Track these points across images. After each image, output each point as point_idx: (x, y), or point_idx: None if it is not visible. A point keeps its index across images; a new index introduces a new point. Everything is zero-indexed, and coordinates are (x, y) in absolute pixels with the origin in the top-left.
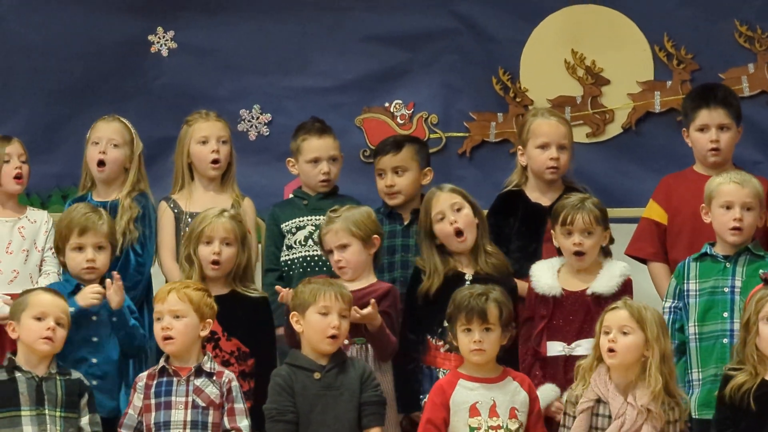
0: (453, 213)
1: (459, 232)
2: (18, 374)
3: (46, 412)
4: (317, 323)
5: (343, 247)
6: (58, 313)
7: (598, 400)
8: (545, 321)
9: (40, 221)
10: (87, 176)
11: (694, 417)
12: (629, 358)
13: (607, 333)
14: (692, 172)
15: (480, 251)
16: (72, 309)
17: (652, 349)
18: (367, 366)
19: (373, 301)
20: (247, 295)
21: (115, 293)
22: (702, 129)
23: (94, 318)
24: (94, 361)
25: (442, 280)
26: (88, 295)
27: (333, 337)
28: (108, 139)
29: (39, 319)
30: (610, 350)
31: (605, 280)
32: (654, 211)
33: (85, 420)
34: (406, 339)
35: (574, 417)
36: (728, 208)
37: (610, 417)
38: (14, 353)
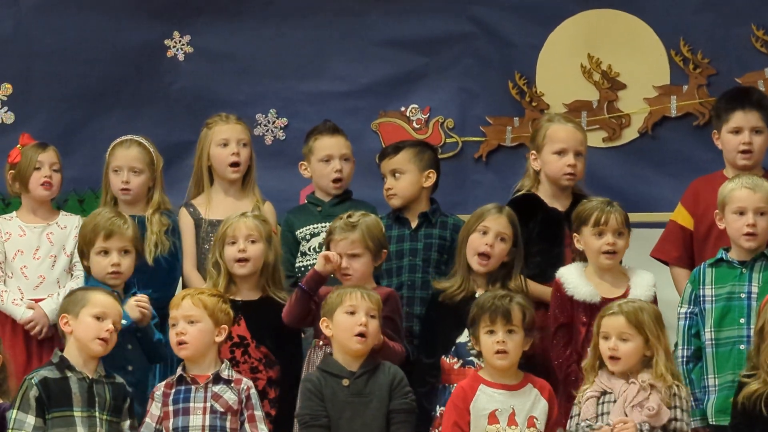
0: (496, 239)
1: (486, 256)
2: (70, 374)
3: (96, 414)
4: (344, 322)
5: (354, 256)
6: (116, 316)
7: (603, 392)
8: (586, 327)
9: (70, 226)
10: (108, 195)
11: (711, 423)
12: (631, 362)
13: (605, 338)
14: (721, 176)
15: (502, 281)
16: (125, 322)
17: (655, 348)
18: (398, 372)
19: None
20: (277, 301)
21: (135, 310)
22: (735, 131)
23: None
24: (130, 368)
25: (465, 292)
26: (136, 308)
27: (361, 335)
28: (129, 167)
29: (98, 318)
30: (612, 357)
31: (643, 290)
32: (681, 215)
33: (126, 424)
34: (421, 363)
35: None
36: (741, 213)
37: (615, 402)
38: (62, 349)
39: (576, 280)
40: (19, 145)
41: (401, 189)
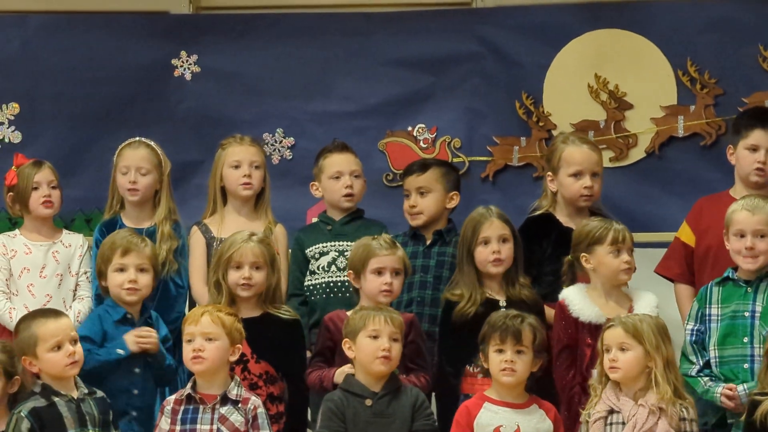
0: (499, 244)
1: (498, 262)
2: (56, 399)
3: None
4: (368, 346)
5: (398, 273)
6: (70, 333)
7: (611, 411)
8: (591, 349)
9: (75, 245)
10: (115, 199)
11: None
12: (632, 372)
13: (608, 351)
14: (727, 196)
15: (514, 281)
16: (122, 352)
17: (653, 359)
18: (420, 394)
19: None
20: (279, 317)
21: (134, 345)
22: (753, 149)
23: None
24: (135, 392)
25: (479, 304)
26: (135, 343)
27: (384, 358)
28: (136, 167)
29: (57, 347)
30: (612, 367)
31: (645, 311)
32: (684, 233)
33: None
34: (444, 372)
35: None
36: (741, 236)
37: (623, 424)
38: (38, 377)
39: (580, 301)
40: (14, 167)
41: (426, 208)
